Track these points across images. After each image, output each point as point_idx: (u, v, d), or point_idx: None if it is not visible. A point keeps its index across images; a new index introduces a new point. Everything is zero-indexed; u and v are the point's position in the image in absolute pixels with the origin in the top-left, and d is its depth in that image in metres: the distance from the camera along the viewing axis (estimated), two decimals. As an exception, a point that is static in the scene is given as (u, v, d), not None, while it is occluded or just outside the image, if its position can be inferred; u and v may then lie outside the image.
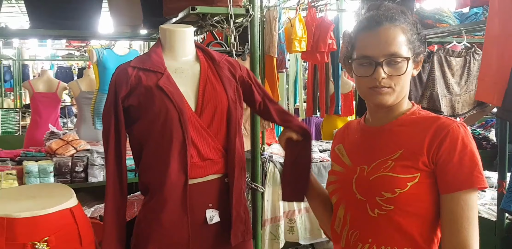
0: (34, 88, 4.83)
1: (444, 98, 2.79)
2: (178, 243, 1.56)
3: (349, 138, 1.40)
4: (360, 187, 1.25)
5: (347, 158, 1.34)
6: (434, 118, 1.23)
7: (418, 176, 1.18)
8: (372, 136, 1.31)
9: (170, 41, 1.69)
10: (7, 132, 6.96)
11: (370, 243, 1.24)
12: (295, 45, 4.20)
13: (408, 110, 1.29)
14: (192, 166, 1.57)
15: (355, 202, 1.26)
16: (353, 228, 1.28)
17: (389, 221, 1.20)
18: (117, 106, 1.58)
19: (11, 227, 1.42)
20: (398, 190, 1.18)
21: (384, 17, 1.23)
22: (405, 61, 1.21)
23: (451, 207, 1.16)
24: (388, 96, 1.23)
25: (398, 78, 1.22)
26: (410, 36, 1.24)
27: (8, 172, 3.20)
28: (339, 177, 1.34)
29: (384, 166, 1.22)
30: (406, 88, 1.26)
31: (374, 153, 1.26)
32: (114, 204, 1.58)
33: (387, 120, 1.29)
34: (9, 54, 8.57)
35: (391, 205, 1.19)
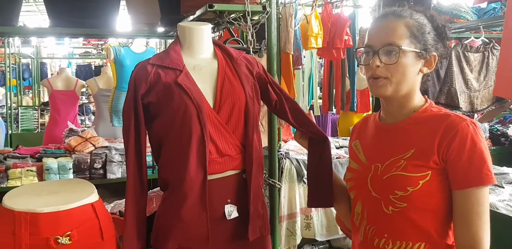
0: (53, 86, 4.89)
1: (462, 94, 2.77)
2: (197, 238, 1.58)
3: (365, 134, 1.42)
4: (375, 186, 1.29)
5: (363, 155, 1.37)
6: (444, 116, 1.24)
7: (429, 173, 1.21)
8: (386, 133, 1.34)
9: (189, 39, 1.70)
10: (26, 129, 7.06)
11: (386, 238, 1.28)
12: (311, 41, 4.19)
13: (421, 107, 1.30)
14: (211, 162, 1.59)
15: (371, 199, 1.31)
16: (370, 223, 1.33)
17: (403, 217, 1.24)
18: (137, 104, 1.60)
19: (34, 221, 1.45)
20: (410, 188, 1.22)
21: (391, 11, 1.29)
22: (401, 51, 1.23)
23: (462, 203, 1.19)
24: (385, 87, 1.26)
25: (394, 68, 1.24)
26: (416, 31, 1.26)
27: (28, 168, 3.26)
28: (355, 175, 1.38)
29: (397, 165, 1.25)
30: (408, 82, 1.27)
31: (387, 152, 1.29)
32: (134, 199, 1.61)
33: (399, 118, 1.31)
34: (28, 52, 8.68)
35: (404, 203, 1.23)
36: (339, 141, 4.71)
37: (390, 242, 1.27)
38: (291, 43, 4.10)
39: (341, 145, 4.47)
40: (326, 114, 5.99)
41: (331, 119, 6.43)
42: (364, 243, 1.34)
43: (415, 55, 1.26)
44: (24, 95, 8.99)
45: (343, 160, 4.07)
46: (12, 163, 3.31)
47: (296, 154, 4.08)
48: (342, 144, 4.50)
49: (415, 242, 1.24)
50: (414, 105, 1.31)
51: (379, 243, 1.29)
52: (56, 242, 1.45)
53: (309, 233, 4.08)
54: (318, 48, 4.48)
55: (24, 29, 3.07)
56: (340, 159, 4.08)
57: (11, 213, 1.46)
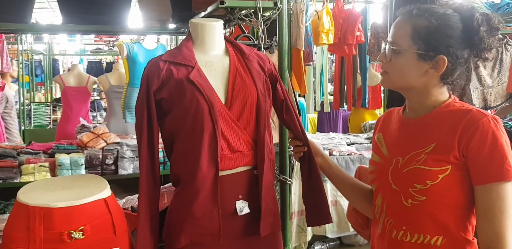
0: (65, 82, 4.93)
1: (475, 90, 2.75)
2: (209, 233, 1.59)
3: (388, 127, 1.45)
4: (395, 178, 1.32)
5: (385, 149, 1.40)
6: (465, 111, 1.24)
7: (449, 168, 1.22)
8: (408, 128, 1.35)
9: (201, 35, 1.70)
10: (38, 126, 7.13)
11: (404, 230, 1.30)
12: (322, 37, 4.18)
13: (443, 102, 1.31)
14: (222, 158, 1.59)
15: (391, 192, 1.33)
16: (389, 215, 1.35)
17: (422, 210, 1.26)
18: (150, 100, 1.61)
19: (48, 216, 1.46)
20: (429, 182, 1.23)
21: (407, 11, 1.32)
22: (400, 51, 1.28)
23: (483, 199, 1.20)
24: (384, 81, 1.36)
25: (391, 65, 1.31)
26: (424, 32, 1.25)
27: (41, 164, 3.30)
28: (377, 167, 1.41)
29: (417, 158, 1.26)
30: (408, 80, 1.29)
31: (409, 145, 1.31)
32: (147, 195, 1.62)
33: (421, 113, 1.33)
34: (40, 49, 8.75)
35: (423, 196, 1.25)
36: (350, 137, 4.70)
37: (408, 235, 1.29)
38: (302, 39, 4.09)
39: (352, 142, 4.46)
40: (337, 110, 5.98)
41: (342, 116, 6.42)
42: (383, 235, 1.37)
43: (415, 56, 1.27)
44: (36, 91, 9.06)
45: (354, 157, 4.06)
46: (25, 158, 3.35)
47: (307, 150, 4.07)
48: (353, 141, 4.49)
49: (433, 235, 1.26)
50: (435, 101, 1.31)
51: (397, 235, 1.31)
52: (70, 236, 1.46)
53: (320, 230, 4.08)
54: (329, 44, 4.46)
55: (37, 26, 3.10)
56: (351, 155, 4.06)
57: (26, 207, 1.48)
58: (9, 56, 5.42)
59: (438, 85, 1.30)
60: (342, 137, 4.70)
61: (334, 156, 4.07)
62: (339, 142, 4.39)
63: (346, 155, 4.09)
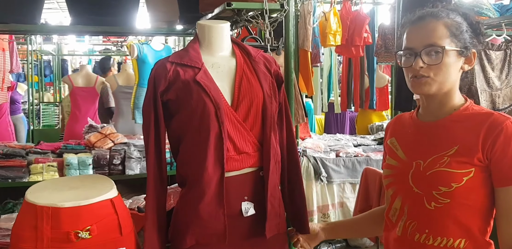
0: (73, 82, 4.96)
1: (483, 92, 2.73)
2: (214, 234, 1.59)
3: (402, 131, 1.45)
4: (417, 181, 1.32)
5: (402, 152, 1.40)
6: (487, 114, 1.27)
7: (473, 170, 1.24)
8: (427, 131, 1.36)
9: (208, 37, 1.71)
10: (47, 125, 7.17)
11: (426, 234, 1.31)
12: (330, 39, 4.17)
13: (462, 105, 1.33)
14: (228, 159, 1.60)
15: (412, 195, 1.33)
16: (411, 219, 1.35)
17: (445, 213, 1.28)
18: (156, 101, 1.62)
19: (56, 216, 1.47)
20: (454, 185, 1.25)
21: (428, 13, 1.33)
22: (444, 51, 1.27)
23: (506, 200, 1.23)
24: (428, 85, 1.29)
25: (437, 68, 1.28)
26: (455, 31, 1.29)
27: (49, 164, 3.33)
28: (394, 171, 1.41)
29: (440, 161, 1.28)
30: (450, 80, 1.30)
31: (430, 149, 1.32)
32: (154, 195, 1.63)
33: (440, 116, 1.34)
34: (49, 49, 8.80)
35: (447, 199, 1.26)
36: (357, 138, 4.69)
37: (430, 238, 1.30)
38: (310, 41, 4.09)
39: (359, 143, 4.46)
40: (345, 112, 5.97)
41: (350, 117, 6.41)
42: (403, 238, 1.37)
43: (456, 53, 1.29)
44: (45, 91, 9.12)
45: (361, 158, 4.06)
46: (34, 158, 3.38)
47: (314, 151, 4.08)
48: (360, 142, 4.49)
49: (456, 238, 1.27)
50: (455, 104, 1.34)
51: (419, 238, 1.32)
52: (77, 236, 1.47)
53: (326, 231, 4.07)
54: (337, 46, 4.45)
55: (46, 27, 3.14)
56: (358, 157, 4.07)
57: (34, 207, 1.49)
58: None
59: (458, 85, 1.34)
60: (349, 138, 4.70)
61: (341, 157, 4.08)
62: (346, 143, 4.39)
63: (353, 156, 4.09)
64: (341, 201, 4.03)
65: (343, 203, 4.02)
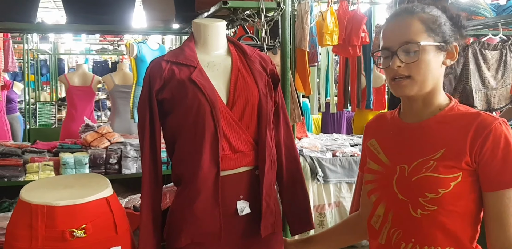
0: (70, 82, 4.95)
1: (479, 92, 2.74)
2: (209, 233, 1.59)
3: (383, 133, 1.37)
4: (402, 188, 1.24)
5: (384, 156, 1.32)
6: (474, 115, 1.20)
7: (461, 175, 1.17)
8: (410, 133, 1.28)
9: (203, 36, 1.71)
10: (43, 125, 7.16)
11: (413, 243, 1.23)
12: (326, 38, 4.18)
13: (447, 105, 1.26)
14: (224, 158, 1.60)
15: (397, 202, 1.25)
16: (395, 226, 1.28)
17: (432, 221, 1.20)
18: (152, 100, 1.62)
19: (50, 214, 1.47)
20: (441, 191, 1.17)
21: (402, 9, 1.26)
22: (421, 47, 1.20)
23: (496, 205, 1.16)
24: (410, 87, 1.22)
25: (416, 66, 1.20)
26: (431, 24, 1.22)
27: (45, 163, 3.32)
28: (377, 176, 1.33)
29: (426, 166, 1.20)
30: (432, 77, 1.23)
31: (414, 152, 1.24)
32: (150, 194, 1.63)
33: (424, 117, 1.26)
34: (46, 48, 8.79)
35: (434, 206, 1.19)
36: (353, 138, 4.70)
37: (417, 247, 1.23)
38: (307, 40, 4.10)
39: (356, 143, 4.46)
40: (341, 112, 5.98)
41: (346, 117, 6.41)
42: (387, 246, 1.30)
43: (435, 48, 1.22)
44: (42, 90, 9.10)
45: (357, 158, 4.06)
46: (29, 157, 3.37)
47: (310, 151, 4.08)
48: (356, 142, 4.49)
49: (444, 247, 1.20)
50: (440, 103, 1.26)
51: (405, 248, 1.25)
52: (72, 235, 1.47)
53: (322, 231, 4.07)
54: (334, 45, 4.46)
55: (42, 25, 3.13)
56: (354, 156, 4.07)
57: (28, 206, 1.49)
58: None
59: (442, 82, 1.27)
60: (345, 138, 4.71)
61: (338, 157, 4.08)
62: (343, 143, 4.39)
63: (349, 156, 4.09)
64: (338, 200, 4.03)
65: (339, 203, 4.02)
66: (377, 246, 1.33)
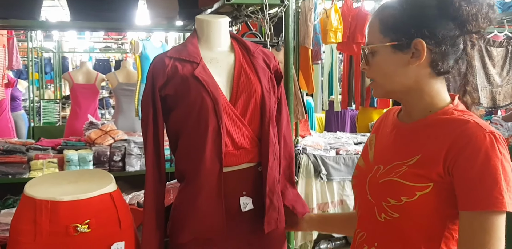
0: (74, 79, 4.96)
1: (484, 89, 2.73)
2: (212, 228, 1.59)
3: (383, 129, 1.30)
4: (371, 188, 1.18)
5: (372, 153, 1.26)
6: (462, 121, 1.06)
7: (431, 186, 1.06)
8: (399, 133, 1.20)
9: (206, 32, 1.71)
10: (48, 122, 7.17)
11: (375, 247, 1.16)
12: (330, 36, 4.17)
13: (441, 108, 1.13)
14: (227, 155, 1.60)
15: (366, 202, 1.20)
16: (360, 228, 1.24)
17: (395, 228, 1.12)
18: (155, 96, 1.62)
19: (54, 209, 1.48)
20: (404, 198, 1.08)
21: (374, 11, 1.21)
22: (372, 49, 1.16)
23: (465, 227, 1.03)
24: (375, 89, 1.20)
25: (373, 69, 1.17)
26: (390, 23, 1.12)
27: (49, 160, 3.33)
28: (358, 173, 1.28)
29: (397, 170, 1.11)
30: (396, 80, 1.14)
31: (394, 154, 1.16)
32: (153, 190, 1.63)
33: (415, 117, 1.17)
34: (50, 47, 8.81)
35: (396, 213, 1.10)
36: (357, 136, 4.69)
37: None
38: (310, 38, 4.08)
39: (360, 141, 4.46)
40: (345, 110, 5.96)
41: (350, 115, 6.40)
42: (353, 247, 1.26)
43: (390, 49, 1.12)
44: (46, 89, 9.13)
45: (361, 156, 4.06)
46: (34, 154, 3.38)
47: (314, 149, 4.07)
48: (360, 140, 4.48)
49: None
50: (431, 104, 1.14)
51: None
52: (75, 230, 1.48)
53: (326, 228, 4.07)
54: (338, 43, 4.44)
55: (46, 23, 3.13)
56: (358, 155, 4.06)
57: (33, 201, 1.49)
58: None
59: (432, 80, 1.13)
60: (349, 136, 4.70)
61: (341, 155, 4.07)
62: (346, 141, 4.39)
63: (353, 154, 4.08)
64: (341, 198, 4.02)
65: (343, 201, 4.01)
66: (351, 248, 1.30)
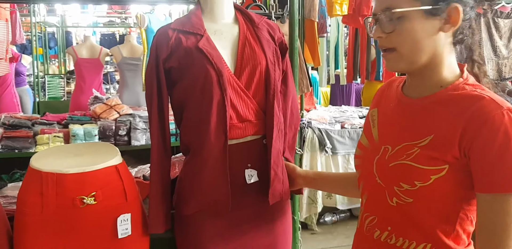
0: (77, 54, 4.94)
1: (490, 61, 2.70)
2: (217, 201, 1.60)
3: (385, 103, 1.20)
4: (381, 171, 1.10)
5: (376, 131, 1.17)
6: (476, 98, 0.99)
7: (446, 168, 1.01)
8: (405, 109, 1.11)
9: (210, 3, 1.68)
10: (53, 97, 7.18)
11: (389, 231, 1.11)
12: (336, 8, 4.11)
13: (451, 83, 1.06)
14: (231, 127, 1.59)
15: (374, 185, 1.12)
16: (369, 211, 1.17)
17: (407, 213, 1.07)
18: (159, 69, 1.61)
19: (61, 182, 1.49)
20: (418, 183, 1.02)
21: None
22: (403, 14, 1.02)
23: (484, 210, 0.99)
24: (395, 61, 1.06)
25: (398, 36, 1.04)
26: None
27: (55, 134, 3.35)
28: (363, 153, 1.20)
29: (408, 152, 1.04)
30: (424, 50, 1.04)
31: (402, 133, 1.08)
32: (159, 162, 1.64)
33: (423, 93, 1.09)
34: (53, 21, 8.74)
35: (410, 198, 1.05)
36: (362, 110, 4.68)
37: (393, 237, 1.10)
38: (316, 11, 4.03)
39: (365, 115, 4.45)
40: (350, 84, 5.93)
41: (356, 89, 6.37)
42: (361, 231, 1.19)
43: (422, 14, 1.02)
44: (50, 64, 9.10)
45: (366, 129, 4.06)
46: (39, 129, 3.40)
47: (319, 123, 4.07)
48: (365, 114, 4.48)
49: (419, 242, 1.07)
50: (443, 79, 1.07)
51: (380, 236, 1.13)
52: (82, 202, 1.49)
53: (330, 202, 4.12)
54: (344, 16, 4.39)
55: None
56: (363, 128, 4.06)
57: (39, 173, 1.50)
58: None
59: (450, 51, 1.07)
60: (354, 110, 4.69)
61: (346, 128, 4.08)
62: (351, 115, 4.38)
63: (358, 127, 4.09)
64: (346, 172, 4.05)
65: (347, 174, 4.04)
66: (357, 230, 1.23)
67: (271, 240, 1.71)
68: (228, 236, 1.65)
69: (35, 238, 1.50)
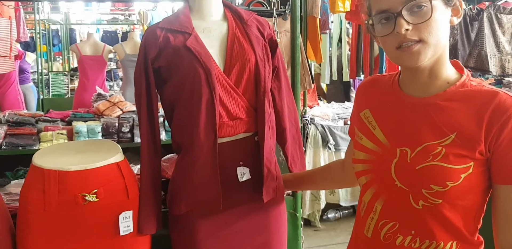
0: (81, 51, 4.95)
1: (493, 57, 2.68)
2: (209, 200, 1.59)
3: (379, 103, 1.18)
4: (403, 175, 1.08)
5: (381, 134, 1.14)
6: (491, 94, 1.02)
7: (472, 165, 1.02)
8: (414, 109, 1.10)
9: (198, 1, 1.66)
10: (57, 95, 7.21)
11: (413, 235, 1.10)
12: (338, 5, 4.08)
13: (457, 80, 1.08)
14: (222, 125, 1.59)
15: (394, 190, 1.10)
16: (387, 217, 1.13)
17: (434, 214, 1.07)
18: (147, 68, 1.60)
19: (63, 179, 1.50)
20: (450, 183, 1.02)
21: None
22: (429, 4, 1.01)
23: (507, 200, 1.03)
24: (423, 53, 1.03)
25: (427, 26, 1.01)
26: None
27: (58, 131, 3.36)
28: (373, 157, 1.15)
29: (433, 152, 1.04)
30: (443, 39, 1.05)
31: (419, 134, 1.07)
32: (148, 162, 1.63)
33: (431, 91, 1.09)
34: (57, 19, 8.75)
35: (439, 199, 1.04)
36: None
37: (417, 240, 1.09)
38: (318, 7, 4.02)
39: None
40: (354, 80, 5.91)
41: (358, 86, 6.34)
42: (375, 241, 1.16)
43: (443, 4, 1.04)
44: (54, 61, 9.12)
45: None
46: (43, 126, 3.41)
47: (322, 119, 4.07)
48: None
49: (446, 242, 1.08)
50: (447, 76, 1.08)
51: (403, 241, 1.11)
52: (84, 199, 1.50)
53: (334, 198, 4.13)
54: (347, 12, 4.36)
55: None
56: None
57: (41, 171, 1.51)
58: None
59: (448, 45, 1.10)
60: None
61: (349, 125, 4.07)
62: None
63: (360, 124, 4.08)
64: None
65: (350, 171, 4.04)
66: (363, 239, 1.20)
67: (266, 238, 1.71)
68: (222, 235, 1.64)
69: (37, 235, 1.51)
